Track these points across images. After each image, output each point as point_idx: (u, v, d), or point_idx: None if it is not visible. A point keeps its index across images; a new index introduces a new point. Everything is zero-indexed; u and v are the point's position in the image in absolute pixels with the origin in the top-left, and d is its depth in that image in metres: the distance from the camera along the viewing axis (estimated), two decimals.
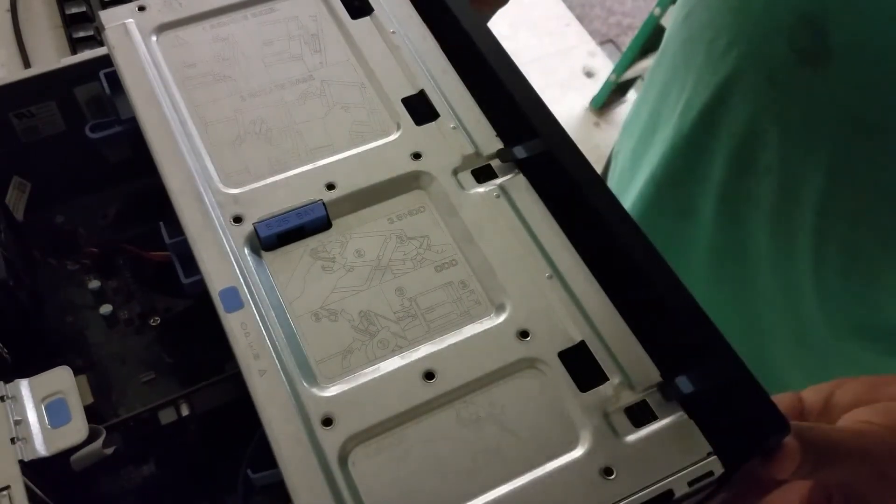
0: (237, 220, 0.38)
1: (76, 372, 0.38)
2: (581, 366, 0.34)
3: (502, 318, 0.36)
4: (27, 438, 0.35)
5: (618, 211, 0.36)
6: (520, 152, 0.40)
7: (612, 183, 0.71)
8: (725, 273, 0.58)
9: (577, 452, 0.32)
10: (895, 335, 0.51)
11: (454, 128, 0.42)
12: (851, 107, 0.44)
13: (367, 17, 0.46)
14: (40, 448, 0.35)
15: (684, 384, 0.33)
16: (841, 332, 0.51)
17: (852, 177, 0.46)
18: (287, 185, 0.39)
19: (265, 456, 0.32)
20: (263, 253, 0.37)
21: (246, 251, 0.37)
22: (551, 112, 0.40)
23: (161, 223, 0.41)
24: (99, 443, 0.37)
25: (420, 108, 0.43)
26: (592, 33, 1.91)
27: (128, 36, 0.44)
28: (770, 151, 0.49)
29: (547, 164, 0.39)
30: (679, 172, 0.57)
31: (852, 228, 0.48)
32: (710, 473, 0.32)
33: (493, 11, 0.55)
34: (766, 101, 0.48)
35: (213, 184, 0.39)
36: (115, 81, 0.45)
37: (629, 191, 0.65)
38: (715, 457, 0.32)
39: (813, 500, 0.34)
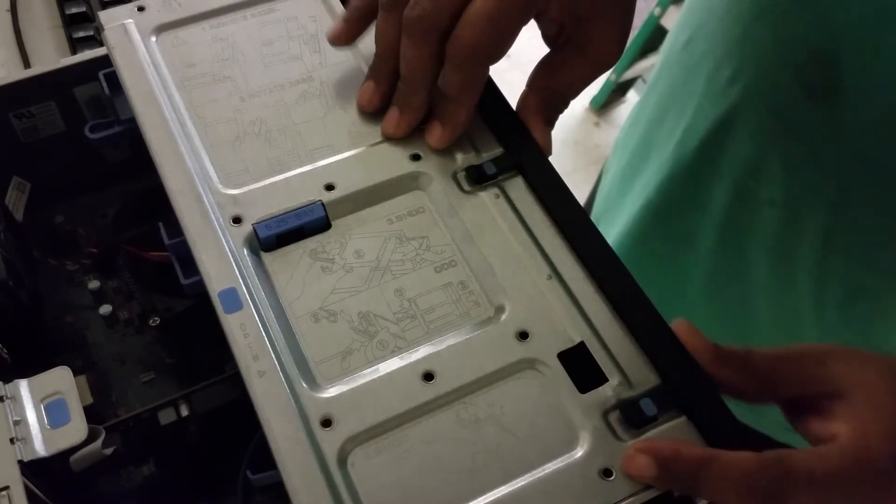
0: (236, 220, 0.38)
1: (76, 372, 0.38)
2: (580, 367, 0.34)
3: (501, 318, 0.36)
4: (27, 439, 0.35)
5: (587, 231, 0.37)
6: (489, 168, 0.39)
7: (600, 200, 0.70)
8: (723, 301, 0.57)
9: (577, 453, 0.32)
10: None
11: None
12: (858, 143, 0.43)
13: None
14: (40, 448, 0.35)
15: (648, 407, 0.33)
16: None
17: (856, 214, 0.45)
18: (286, 185, 0.39)
19: (264, 457, 0.32)
20: (263, 254, 0.37)
21: (245, 252, 0.37)
22: (524, 125, 0.40)
23: (161, 224, 0.41)
24: (98, 443, 0.37)
25: None
26: None
27: (127, 36, 0.44)
28: (774, 186, 0.48)
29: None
30: (677, 201, 0.56)
31: (855, 265, 0.47)
32: None
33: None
34: (772, 135, 0.47)
35: (212, 184, 0.39)
36: (114, 82, 0.45)
37: (618, 211, 0.63)
38: None
39: None
